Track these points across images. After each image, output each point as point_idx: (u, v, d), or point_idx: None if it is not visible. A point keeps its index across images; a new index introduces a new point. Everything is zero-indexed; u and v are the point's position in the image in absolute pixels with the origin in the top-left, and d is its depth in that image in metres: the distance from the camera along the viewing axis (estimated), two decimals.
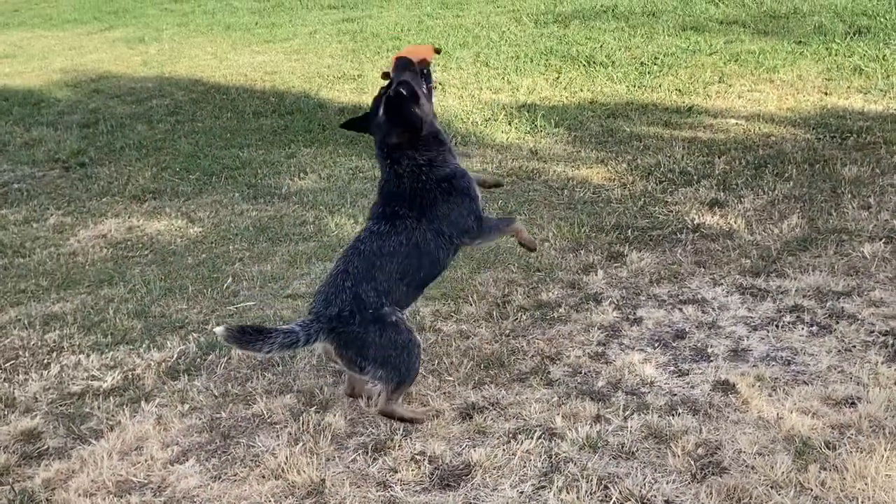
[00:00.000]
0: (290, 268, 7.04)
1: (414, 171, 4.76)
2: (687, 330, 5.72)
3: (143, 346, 5.84)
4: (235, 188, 9.32)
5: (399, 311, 4.70)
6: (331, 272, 4.81)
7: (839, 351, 5.32)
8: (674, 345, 5.55)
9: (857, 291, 6.06)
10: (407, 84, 4.79)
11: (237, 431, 4.82)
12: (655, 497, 4.07)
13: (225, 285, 6.74)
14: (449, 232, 4.77)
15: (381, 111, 4.83)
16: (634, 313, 5.98)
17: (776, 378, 5.05)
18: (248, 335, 4.41)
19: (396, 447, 4.52)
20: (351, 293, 4.58)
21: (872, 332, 5.52)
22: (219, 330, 4.36)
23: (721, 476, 4.19)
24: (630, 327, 5.80)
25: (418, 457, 4.43)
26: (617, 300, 6.16)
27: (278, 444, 4.62)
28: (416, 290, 4.89)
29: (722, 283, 6.34)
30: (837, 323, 5.65)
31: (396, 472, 4.33)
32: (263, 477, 4.39)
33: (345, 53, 17.16)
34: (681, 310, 5.98)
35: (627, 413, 4.75)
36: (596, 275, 6.55)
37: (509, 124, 11.33)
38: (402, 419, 4.73)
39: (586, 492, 4.08)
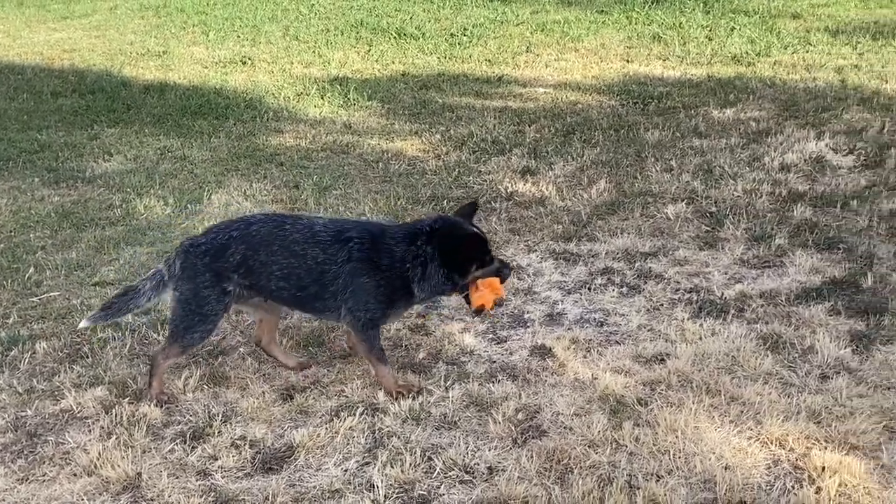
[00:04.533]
0: (96, 254, 6.71)
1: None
2: (504, 297, 5.79)
3: None
4: (34, 173, 8.79)
5: (239, 290, 4.63)
6: (240, 219, 4.85)
7: (648, 310, 5.52)
8: (492, 313, 5.62)
9: (663, 251, 6.31)
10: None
11: (44, 429, 4.56)
12: (478, 464, 4.11)
13: (27, 275, 6.35)
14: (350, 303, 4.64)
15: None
16: None
17: (590, 339, 5.20)
18: (115, 304, 4.75)
19: (216, 434, 4.38)
20: (226, 240, 4.63)
21: (678, 289, 5.76)
22: (84, 324, 4.85)
23: (541, 439, 4.27)
24: (448, 298, 5.81)
25: (239, 442, 4.30)
26: None
27: (90, 440, 4.39)
28: (283, 297, 4.72)
29: (536, 250, 6.48)
30: (645, 283, 5.87)
31: (216, 459, 4.20)
32: (75, 475, 4.16)
33: (149, 29, 16.51)
34: None
35: (449, 383, 4.78)
36: None
37: (322, 98, 11.19)
38: (151, 376, 4.72)
39: (410, 464, 4.08)
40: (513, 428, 4.35)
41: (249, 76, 12.66)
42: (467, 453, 4.18)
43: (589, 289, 5.85)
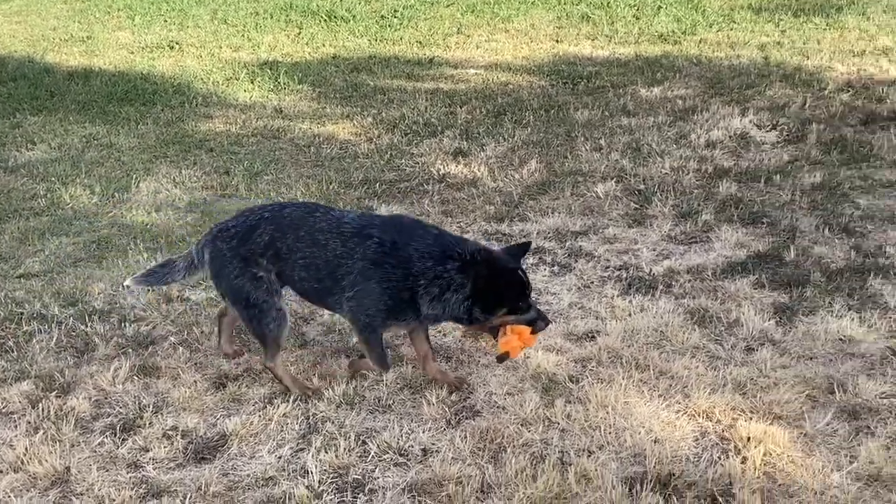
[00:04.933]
0: (21, 245, 6.57)
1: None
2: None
3: None
4: None
5: (274, 280, 4.46)
6: (274, 203, 4.66)
7: (579, 288, 5.58)
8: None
9: (593, 230, 6.38)
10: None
11: None
12: (412, 447, 4.12)
13: None
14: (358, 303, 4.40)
15: None
16: None
17: None
18: (157, 273, 4.78)
19: (147, 425, 4.33)
20: (256, 220, 4.48)
21: (608, 267, 5.83)
22: (128, 283, 4.90)
23: (474, 419, 4.30)
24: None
25: (170, 432, 4.26)
26: None
27: (16, 435, 4.29)
28: (304, 289, 4.55)
29: (469, 231, 6.50)
30: (576, 261, 5.92)
31: (148, 450, 4.15)
32: (1, 471, 4.07)
33: (72, 14, 16.16)
34: None
35: None
36: None
37: (252, 83, 11.07)
38: (282, 383, 4.60)
39: (345, 449, 4.08)
40: (446, 409, 4.37)
41: (177, 61, 12.47)
42: (401, 436, 4.19)
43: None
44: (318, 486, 3.86)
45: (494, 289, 4.27)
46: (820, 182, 6.88)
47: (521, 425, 4.22)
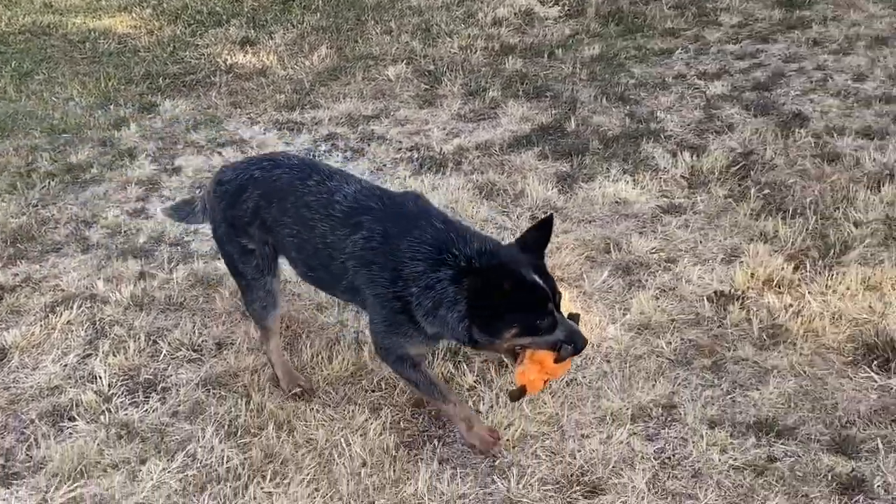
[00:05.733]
0: None
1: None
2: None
3: None
4: None
5: (268, 253, 3.67)
6: (272, 157, 3.87)
7: (372, 171, 5.58)
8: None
9: (385, 113, 6.37)
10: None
11: None
12: (206, 342, 4.08)
13: None
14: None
15: None
16: (172, 163, 5.83)
17: None
18: (182, 209, 4.27)
19: None
20: (245, 180, 3.64)
21: (400, 149, 5.85)
22: (160, 210, 4.84)
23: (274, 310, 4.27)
24: (169, 178, 5.65)
25: None
26: (153, 152, 5.96)
27: None
28: (301, 272, 3.72)
29: (259, 122, 6.36)
30: (369, 145, 5.91)
31: None
32: None
33: None
34: (220, 153, 5.92)
35: (173, 265, 4.67)
36: (129, 129, 6.27)
37: None
38: (271, 366, 3.88)
39: (135, 350, 3.99)
40: (240, 303, 4.32)
41: None
42: (194, 332, 4.14)
43: (314, 156, 5.82)
44: (108, 391, 3.77)
45: (496, 305, 3.11)
46: (598, 54, 7.07)
47: (317, 310, 4.24)
